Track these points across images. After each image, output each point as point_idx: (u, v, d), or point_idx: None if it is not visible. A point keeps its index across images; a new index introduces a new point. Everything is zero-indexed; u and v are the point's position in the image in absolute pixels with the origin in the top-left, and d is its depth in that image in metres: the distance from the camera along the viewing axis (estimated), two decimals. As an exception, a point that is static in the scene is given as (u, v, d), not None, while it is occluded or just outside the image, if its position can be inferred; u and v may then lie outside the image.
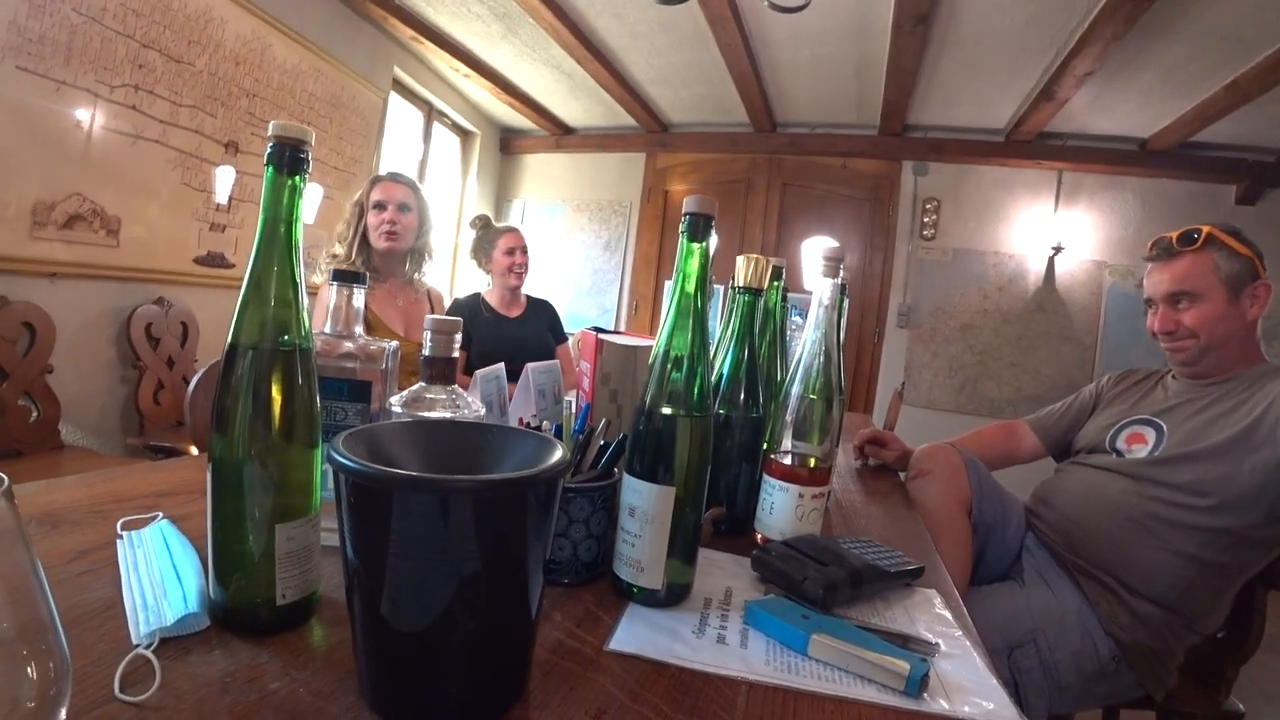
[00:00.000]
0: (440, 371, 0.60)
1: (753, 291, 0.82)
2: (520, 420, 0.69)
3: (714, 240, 0.60)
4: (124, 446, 2.47)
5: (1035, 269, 4.08)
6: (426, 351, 0.60)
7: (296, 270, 0.50)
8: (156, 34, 2.36)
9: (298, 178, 0.49)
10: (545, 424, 0.66)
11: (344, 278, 0.64)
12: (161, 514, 0.72)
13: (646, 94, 4.11)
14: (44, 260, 2.16)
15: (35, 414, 2.15)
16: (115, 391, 2.48)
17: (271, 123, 0.49)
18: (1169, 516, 1.17)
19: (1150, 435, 1.27)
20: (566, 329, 2.77)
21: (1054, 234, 4.01)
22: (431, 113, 4.33)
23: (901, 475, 1.38)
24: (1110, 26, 2.55)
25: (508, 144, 5.11)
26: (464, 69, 3.81)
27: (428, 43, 3.51)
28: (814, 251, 4.07)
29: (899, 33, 2.85)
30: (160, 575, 0.58)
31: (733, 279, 0.84)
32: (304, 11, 3.01)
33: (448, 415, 0.58)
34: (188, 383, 2.64)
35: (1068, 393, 1.61)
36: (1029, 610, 1.19)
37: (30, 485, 0.84)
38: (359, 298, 0.65)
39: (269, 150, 0.49)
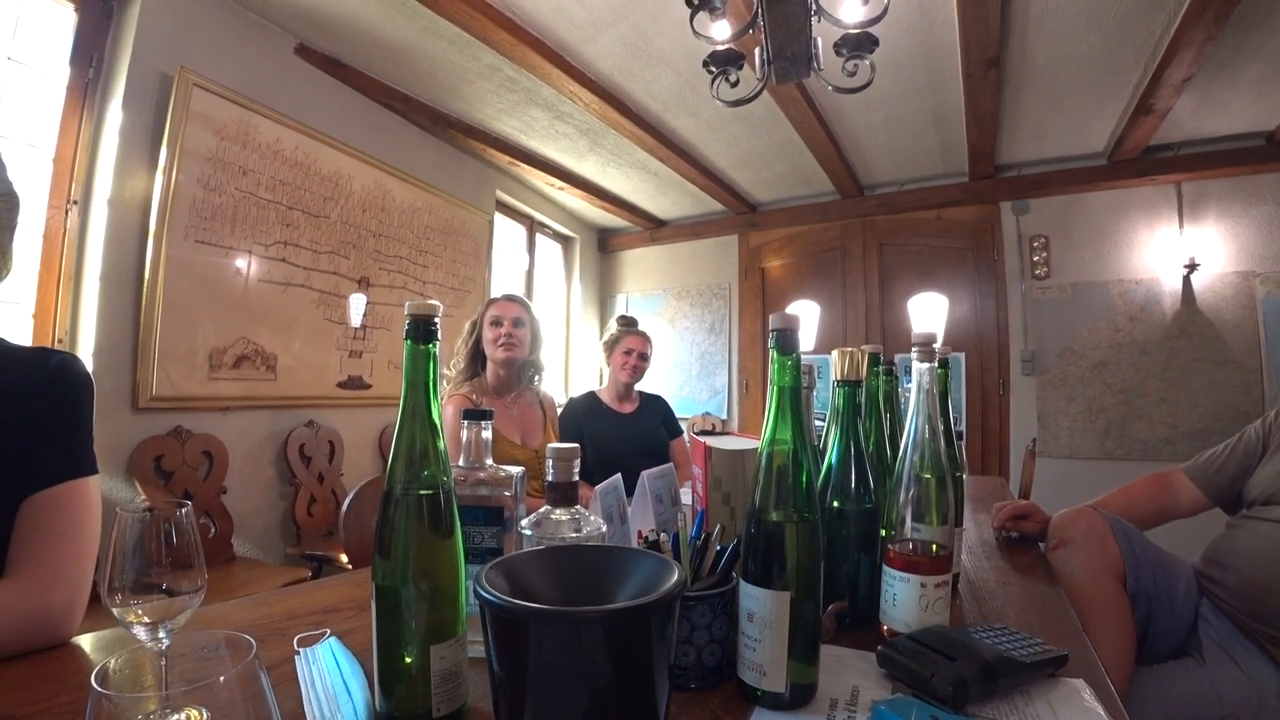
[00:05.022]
0: (563, 495, 0.66)
1: (852, 384, 0.84)
2: (639, 534, 0.73)
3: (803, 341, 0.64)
4: (284, 556, 2.72)
5: (1170, 291, 3.73)
6: (550, 477, 0.67)
7: (437, 422, 0.59)
8: (299, 196, 2.76)
9: (431, 345, 0.59)
10: (663, 535, 0.70)
11: (473, 416, 0.72)
12: (329, 630, 0.81)
13: (730, 179, 4.27)
14: (219, 397, 2.51)
15: (213, 530, 2.43)
16: (276, 507, 2.76)
17: (406, 303, 0.59)
18: (1375, 573, 1.02)
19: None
20: (681, 414, 2.80)
21: (1184, 251, 3.67)
22: (533, 225, 4.70)
23: (1042, 545, 1.28)
24: (1200, 29, 2.40)
25: (605, 243, 5.44)
26: (558, 182, 4.15)
27: (523, 165, 3.87)
28: (919, 311, 3.96)
29: (970, 80, 2.83)
30: (333, 690, 0.65)
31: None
32: (416, 156, 3.44)
33: (573, 535, 0.64)
34: (336, 495, 2.92)
35: (1234, 423, 1.44)
36: (1215, 693, 1.05)
37: (219, 606, 0.97)
38: (487, 431, 0.73)
39: (406, 326, 0.59)
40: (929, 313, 4.06)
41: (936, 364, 0.79)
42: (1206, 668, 1.11)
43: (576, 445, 0.68)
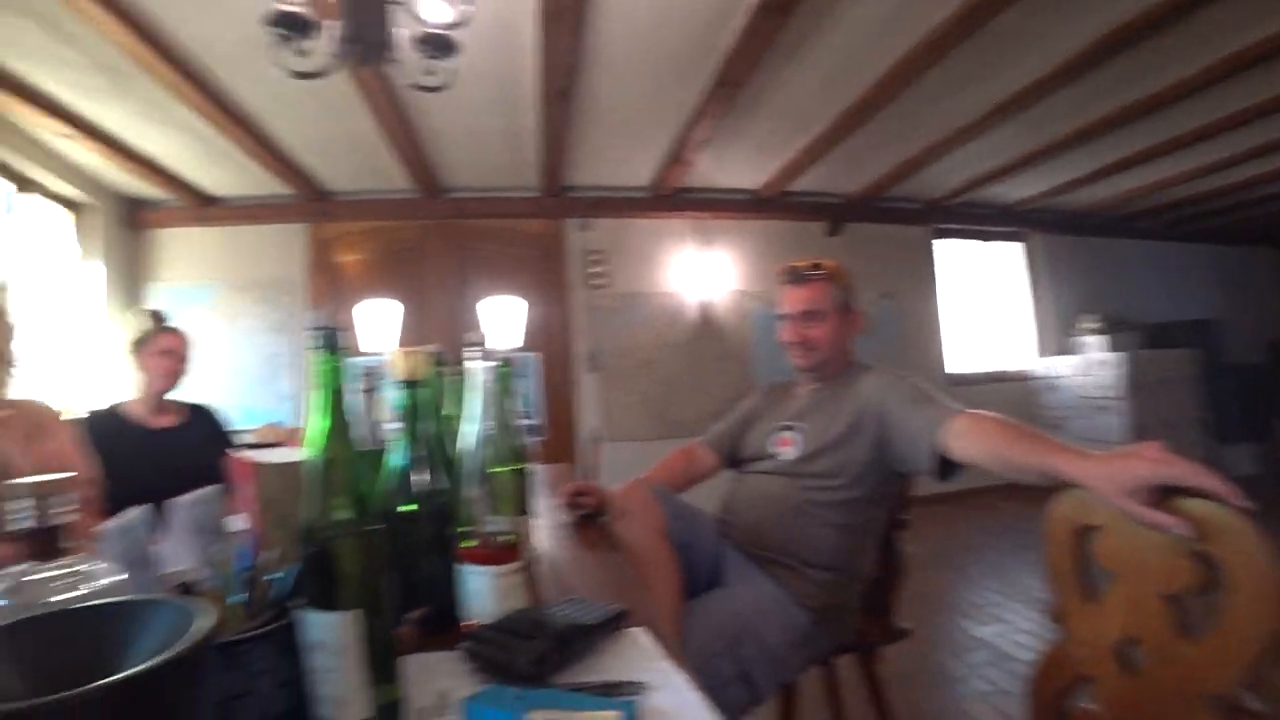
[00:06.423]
0: (44, 545, 0.48)
1: (413, 384, 0.82)
2: (166, 578, 0.58)
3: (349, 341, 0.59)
4: None
5: (693, 304, 4.80)
6: (27, 523, 0.48)
7: None
8: None
9: None
10: (203, 575, 0.57)
11: None
12: None
13: (300, 160, 3.80)
14: None
15: None
16: None
17: None
18: (818, 499, 1.43)
19: (795, 437, 1.53)
20: (246, 424, 2.38)
21: (702, 272, 4.78)
22: (23, 182, 3.36)
23: (606, 520, 1.47)
24: (715, 106, 3.19)
25: (136, 218, 4.19)
26: (62, 128, 3.06)
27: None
28: (488, 313, 4.13)
29: (546, 105, 3.12)
30: None
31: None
32: None
33: (68, 597, 0.47)
34: None
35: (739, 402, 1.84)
36: (736, 607, 1.36)
37: None
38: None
39: None
40: (508, 315, 4.25)
41: (494, 362, 0.83)
42: (730, 591, 1.41)
43: (60, 476, 0.50)
